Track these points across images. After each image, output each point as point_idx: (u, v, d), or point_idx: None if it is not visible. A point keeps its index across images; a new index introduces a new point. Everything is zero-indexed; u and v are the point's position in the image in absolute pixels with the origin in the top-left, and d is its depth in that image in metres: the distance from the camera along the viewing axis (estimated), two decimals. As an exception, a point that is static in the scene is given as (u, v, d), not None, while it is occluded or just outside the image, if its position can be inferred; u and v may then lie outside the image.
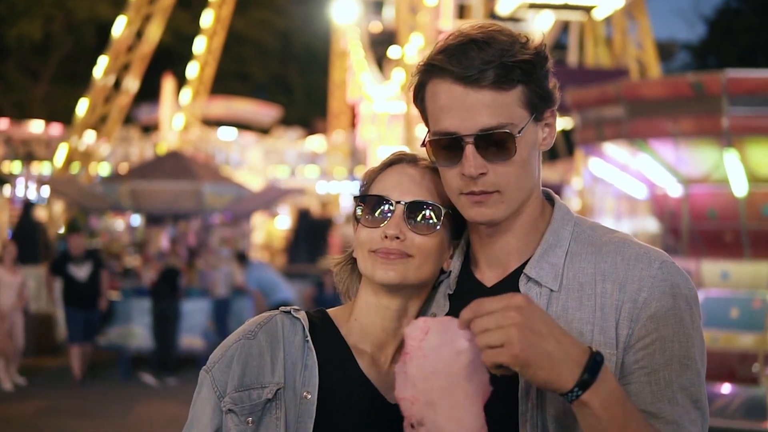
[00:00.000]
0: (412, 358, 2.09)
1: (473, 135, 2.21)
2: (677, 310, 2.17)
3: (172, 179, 19.90)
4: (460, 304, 2.37)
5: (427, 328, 2.09)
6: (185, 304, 17.46)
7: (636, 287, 2.18)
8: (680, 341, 2.15)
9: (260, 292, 17.43)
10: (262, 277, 17.66)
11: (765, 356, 11.13)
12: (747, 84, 11.98)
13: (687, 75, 13.00)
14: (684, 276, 2.23)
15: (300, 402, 2.33)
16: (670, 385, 2.12)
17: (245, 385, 2.35)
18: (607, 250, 2.27)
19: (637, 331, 2.16)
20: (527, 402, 2.19)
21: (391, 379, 2.40)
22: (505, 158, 2.22)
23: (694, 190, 12.92)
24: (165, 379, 16.63)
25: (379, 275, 2.37)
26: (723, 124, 11.77)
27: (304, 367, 2.36)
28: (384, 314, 2.45)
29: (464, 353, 2.06)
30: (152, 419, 13.86)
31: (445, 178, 2.30)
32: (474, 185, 2.22)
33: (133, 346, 17.50)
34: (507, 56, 2.20)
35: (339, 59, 58.60)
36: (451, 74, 2.22)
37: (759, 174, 12.12)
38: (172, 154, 24.32)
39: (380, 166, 2.52)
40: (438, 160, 2.30)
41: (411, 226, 2.38)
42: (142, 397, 15.45)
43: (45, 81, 51.64)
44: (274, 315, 2.44)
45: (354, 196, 2.52)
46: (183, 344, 17.47)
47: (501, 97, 2.22)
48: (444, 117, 2.25)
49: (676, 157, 12.63)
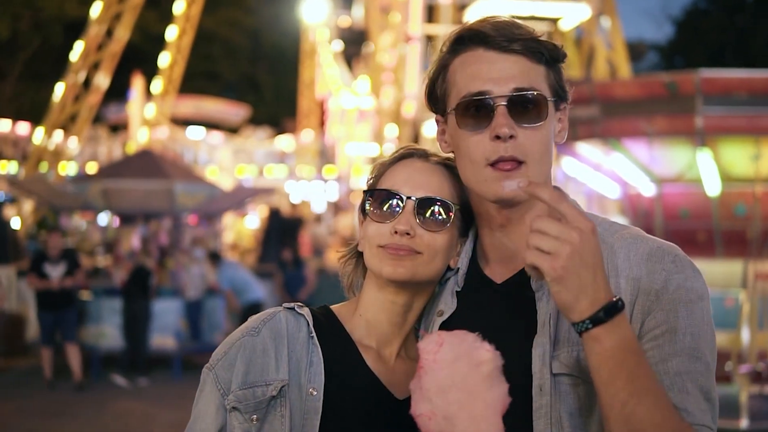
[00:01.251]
0: (426, 372, 2.06)
1: (506, 96, 2.22)
2: (689, 304, 2.16)
3: (143, 178, 19.81)
4: (469, 301, 2.38)
5: (441, 341, 2.07)
6: (156, 303, 17.34)
7: (649, 282, 2.17)
8: (692, 333, 2.15)
9: (232, 291, 17.33)
10: (234, 276, 17.55)
11: (738, 355, 11.19)
12: (721, 84, 12.05)
13: (661, 75, 13.07)
14: (696, 270, 2.22)
15: (306, 399, 2.30)
16: (680, 374, 2.11)
17: (249, 382, 2.31)
18: (620, 246, 2.25)
19: (647, 323, 2.15)
20: (541, 398, 2.17)
21: (398, 375, 2.40)
22: (535, 121, 2.23)
23: (667, 190, 12.99)
24: (136, 380, 16.49)
25: (388, 271, 2.35)
26: (697, 124, 11.82)
27: (310, 364, 2.33)
28: (390, 310, 2.43)
29: (485, 364, 2.04)
30: (124, 420, 13.76)
31: (470, 147, 2.27)
32: (503, 149, 2.20)
33: (104, 346, 17.33)
34: (535, 36, 2.28)
35: (308, 58, 58.52)
36: (484, 42, 2.27)
37: (732, 173, 12.20)
38: (144, 153, 24.19)
39: (390, 159, 2.49)
40: (465, 125, 2.27)
41: (421, 222, 2.35)
42: (113, 398, 15.34)
43: (12, 79, 51.18)
44: (278, 311, 2.42)
45: (363, 189, 2.48)
46: (154, 344, 17.35)
47: (531, 67, 2.27)
48: (475, 81, 2.26)
49: (649, 156, 12.67)
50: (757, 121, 11.94)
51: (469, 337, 2.08)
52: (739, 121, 11.93)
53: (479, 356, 2.05)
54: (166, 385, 16.54)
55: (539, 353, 2.18)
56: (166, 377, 17.15)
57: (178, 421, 13.34)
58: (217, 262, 18.21)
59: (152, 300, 17.00)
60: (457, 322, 2.32)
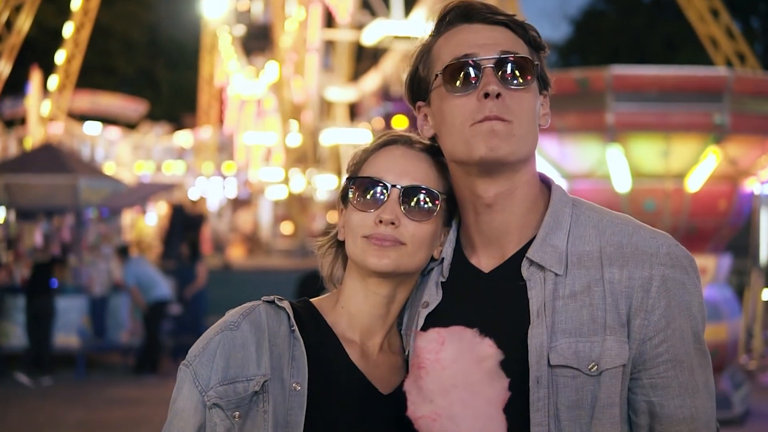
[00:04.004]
0: (428, 372, 2.00)
1: (494, 58, 2.20)
2: (687, 296, 2.18)
3: (46, 173, 19.43)
4: (455, 292, 2.32)
5: (442, 340, 2.02)
6: (60, 301, 16.95)
7: (647, 275, 2.16)
8: (691, 326, 2.18)
9: (138, 288, 17.06)
10: (140, 272, 17.25)
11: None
12: (632, 81, 12.20)
13: (572, 71, 13.15)
14: (689, 257, 2.23)
15: (289, 394, 2.23)
16: (692, 373, 2.16)
17: (229, 378, 2.23)
18: (612, 233, 2.23)
19: (655, 323, 2.15)
20: (538, 390, 2.13)
21: (381, 369, 2.34)
22: (522, 84, 2.20)
23: (577, 186, 13.08)
24: (40, 379, 16.14)
25: (373, 262, 2.28)
26: (607, 120, 11.95)
27: (292, 358, 2.26)
28: (373, 301, 2.36)
29: (487, 360, 2.00)
30: (28, 419, 13.45)
31: (456, 110, 2.21)
32: (489, 108, 2.16)
33: (6, 345, 16.96)
34: (519, 19, 2.32)
35: (208, 54, 58.00)
36: (468, 17, 2.28)
37: (641, 170, 12.34)
38: (46, 147, 23.69)
39: (373, 146, 2.43)
40: (452, 89, 2.22)
41: (406, 211, 2.29)
42: (17, 397, 15.02)
43: None
44: (257, 305, 2.34)
45: (346, 177, 2.42)
46: (58, 343, 16.96)
47: (516, 39, 2.27)
48: (461, 47, 2.24)
49: (560, 152, 12.76)
50: (667, 118, 12.10)
51: (468, 333, 2.04)
52: (650, 118, 12.09)
53: (481, 352, 2.01)
54: (70, 384, 16.26)
55: (536, 345, 2.15)
56: (70, 376, 16.85)
57: (84, 420, 13.14)
58: (124, 257, 17.91)
59: (55, 297, 16.64)
60: (444, 315, 2.28)
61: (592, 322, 2.14)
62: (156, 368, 16.90)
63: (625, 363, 2.13)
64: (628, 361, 2.14)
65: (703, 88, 12.44)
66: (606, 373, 2.12)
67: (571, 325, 2.14)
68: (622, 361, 2.13)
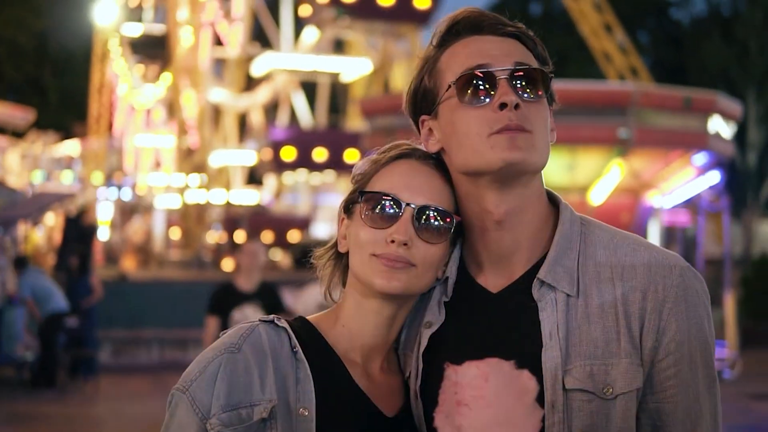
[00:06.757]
0: (471, 409, 1.94)
1: (509, 69, 2.13)
2: (698, 319, 2.14)
3: (-58, 182, 18.96)
4: (461, 313, 2.26)
5: (485, 375, 1.96)
6: (-48, 314, 16.45)
7: (661, 297, 2.11)
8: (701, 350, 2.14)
9: (34, 300, 16.63)
10: (36, 284, 16.78)
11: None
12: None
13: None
14: (701, 280, 2.19)
15: (297, 419, 2.12)
16: (698, 399, 2.13)
17: (233, 404, 2.11)
18: (624, 253, 2.17)
19: (665, 345, 2.10)
20: (554, 415, 2.07)
21: (383, 390, 2.26)
22: (537, 96, 2.14)
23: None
24: (-69, 395, 15.69)
25: (381, 284, 2.18)
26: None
27: (296, 381, 2.15)
28: (375, 321, 2.26)
29: (528, 394, 1.96)
30: None
31: (471, 122, 2.13)
32: (508, 118, 2.09)
33: None
34: (528, 31, 2.27)
35: (100, 62, 57.14)
36: (477, 29, 2.22)
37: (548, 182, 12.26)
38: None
39: (385, 157, 2.31)
40: (466, 100, 2.15)
41: (419, 232, 2.19)
42: None
43: None
44: (256, 325, 2.21)
45: (359, 190, 2.29)
46: (-50, 357, 16.50)
47: (527, 52, 2.22)
48: (474, 57, 2.18)
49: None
50: (572, 132, 12.24)
51: (506, 366, 1.99)
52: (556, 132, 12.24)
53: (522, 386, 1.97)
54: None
55: (550, 368, 2.07)
56: (-38, 393, 16.41)
57: (-21, 437, 12.78)
58: (21, 268, 17.42)
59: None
60: (450, 336, 2.22)
61: (606, 344, 2.09)
62: (53, 382, 16.50)
63: (640, 387, 2.09)
64: (642, 385, 2.10)
65: (608, 101, 12.65)
66: (621, 397, 2.08)
67: (585, 348, 2.08)
68: (637, 384, 2.09)
